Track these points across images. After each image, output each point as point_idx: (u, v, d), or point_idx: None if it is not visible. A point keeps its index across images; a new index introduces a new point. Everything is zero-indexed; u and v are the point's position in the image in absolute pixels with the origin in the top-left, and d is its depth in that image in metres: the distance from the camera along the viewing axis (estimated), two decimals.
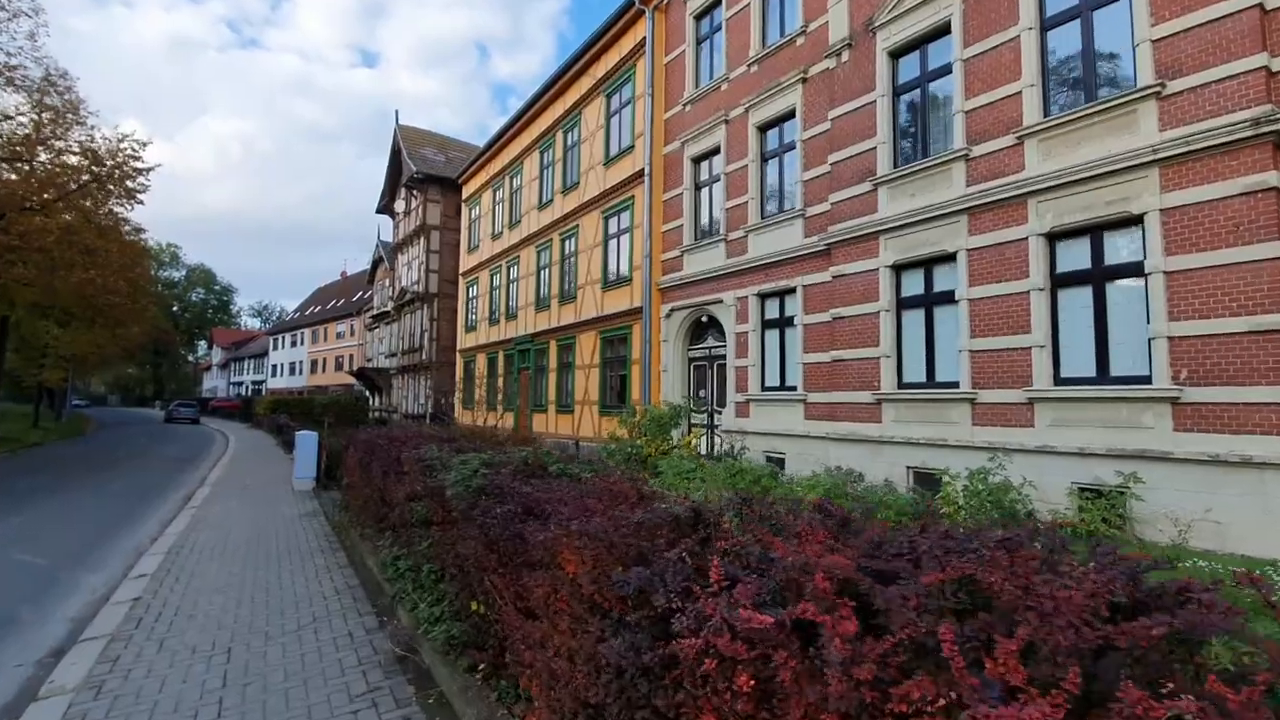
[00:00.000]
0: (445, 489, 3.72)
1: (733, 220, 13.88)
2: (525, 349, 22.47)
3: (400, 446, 5.81)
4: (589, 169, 19.02)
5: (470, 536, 3.15)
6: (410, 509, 4.53)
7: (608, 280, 17.79)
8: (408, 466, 4.95)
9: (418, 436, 6.35)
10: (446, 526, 3.69)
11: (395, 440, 6.23)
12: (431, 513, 4.01)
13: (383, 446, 5.98)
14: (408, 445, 5.72)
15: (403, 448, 5.74)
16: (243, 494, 11.68)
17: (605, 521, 2.28)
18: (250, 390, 70.21)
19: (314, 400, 37.37)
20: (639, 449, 10.05)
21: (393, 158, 34.50)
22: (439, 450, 4.76)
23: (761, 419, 12.77)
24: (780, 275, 12.62)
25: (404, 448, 5.70)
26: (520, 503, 2.95)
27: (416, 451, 4.98)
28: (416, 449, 5.40)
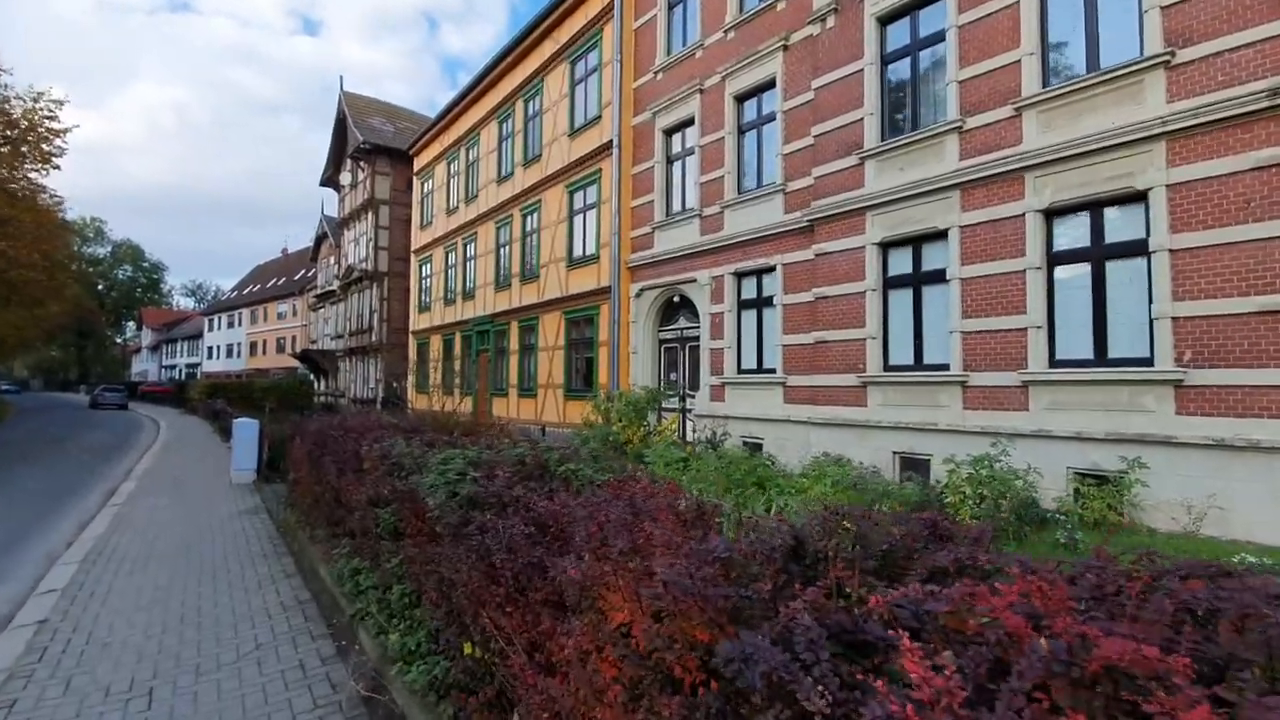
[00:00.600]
0: (422, 495, 3.02)
1: (708, 195, 13.25)
2: (484, 330, 21.47)
3: (358, 438, 5.02)
4: (552, 140, 18.07)
5: (460, 560, 2.47)
6: (374, 515, 3.79)
7: (573, 258, 16.98)
8: (369, 464, 4.20)
9: (377, 426, 5.55)
10: (424, 541, 2.99)
11: (351, 431, 5.42)
12: (403, 522, 3.30)
13: (337, 438, 5.19)
14: (367, 437, 4.94)
15: (361, 440, 4.95)
16: (174, 488, 10.56)
17: (673, 557, 1.63)
18: (184, 374, 66.45)
19: (254, 384, 35.36)
20: (615, 435, 9.41)
21: (337, 126, 32.53)
22: (407, 445, 4.02)
23: (738, 403, 12.29)
24: (759, 253, 12.10)
25: (363, 440, 4.92)
26: (531, 519, 2.29)
27: (379, 446, 4.23)
28: (378, 442, 4.64)
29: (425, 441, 4.30)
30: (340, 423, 6.34)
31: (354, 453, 4.66)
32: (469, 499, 2.66)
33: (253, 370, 52.99)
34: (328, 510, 5.20)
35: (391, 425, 5.70)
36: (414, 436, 5.04)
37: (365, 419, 6.57)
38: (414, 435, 5.19)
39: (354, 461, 4.59)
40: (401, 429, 5.34)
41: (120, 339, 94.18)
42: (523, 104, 19.74)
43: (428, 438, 4.61)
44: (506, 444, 4.01)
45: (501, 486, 2.63)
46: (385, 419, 6.69)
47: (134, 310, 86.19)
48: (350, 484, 4.42)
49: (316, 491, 5.65)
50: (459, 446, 4.06)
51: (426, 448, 4.01)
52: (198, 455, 15.69)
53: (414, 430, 5.34)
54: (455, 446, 4.07)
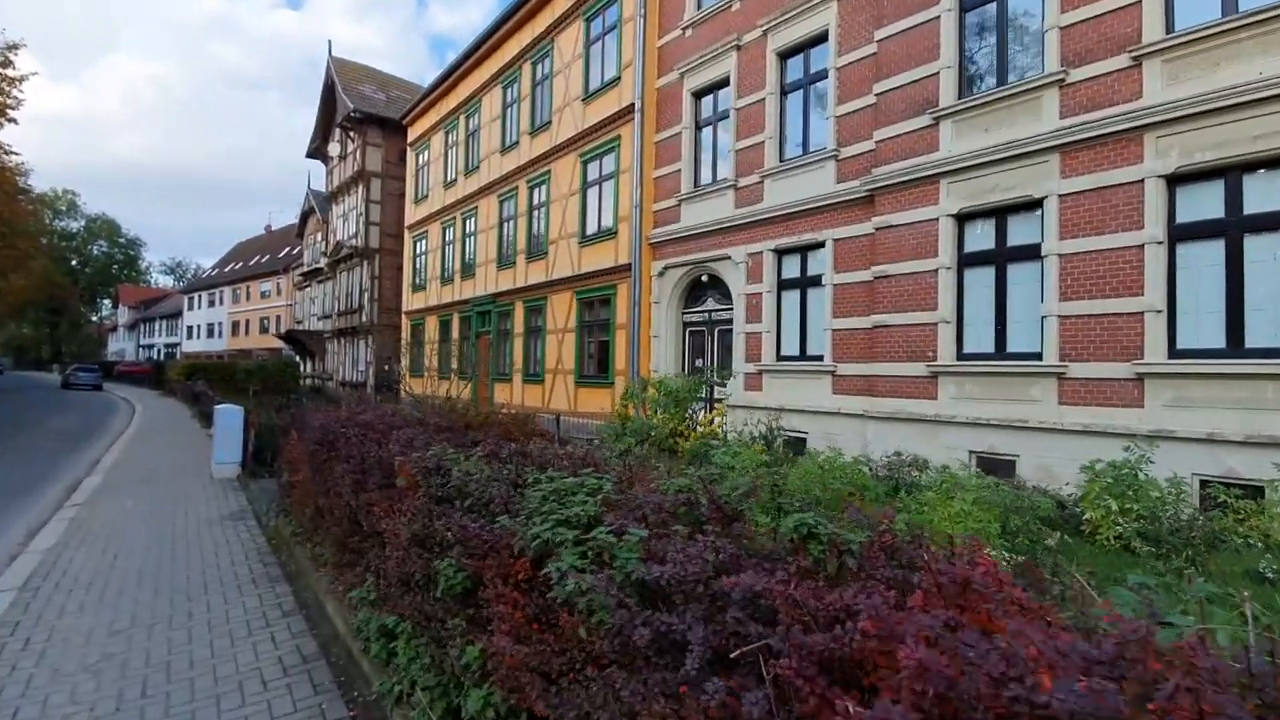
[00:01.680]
0: (527, 552, 1.84)
1: (744, 164, 12.00)
2: (485, 311, 20.13)
3: (381, 440, 3.81)
4: (564, 106, 16.67)
5: (642, 698, 1.29)
6: (422, 561, 2.60)
7: (587, 234, 15.67)
8: (405, 479, 2.99)
9: (404, 423, 4.33)
10: (533, 628, 1.81)
11: (370, 428, 4.19)
12: (485, 586, 2.11)
13: (352, 439, 3.95)
14: (394, 438, 3.73)
15: (386, 442, 3.74)
16: (146, 485, 9.25)
17: None
18: (162, 354, 64.25)
19: (236, 366, 33.78)
20: (654, 430, 8.23)
21: (325, 94, 30.74)
22: (466, 460, 2.81)
23: (776, 393, 11.14)
24: (804, 227, 10.90)
25: (389, 442, 3.70)
26: (815, 656, 1.12)
27: (420, 455, 3.02)
28: (411, 446, 3.43)
29: (488, 453, 3.09)
30: (352, 416, 5.10)
31: (380, 461, 3.44)
32: (643, 587, 1.49)
33: (235, 351, 51.12)
34: (339, 531, 3.99)
35: (422, 423, 4.48)
36: (452, 438, 3.82)
37: (383, 412, 5.33)
38: (450, 435, 3.97)
39: (380, 473, 3.37)
40: (440, 428, 4.12)
41: (96, 317, 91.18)
42: (530, 67, 18.28)
43: (477, 440, 3.40)
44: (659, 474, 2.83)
45: (701, 571, 1.44)
46: (408, 412, 5.48)
47: (110, 288, 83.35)
48: (377, 505, 3.21)
49: (322, 504, 4.43)
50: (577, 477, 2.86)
51: (495, 463, 2.82)
52: (175, 443, 14.31)
53: (450, 429, 4.13)
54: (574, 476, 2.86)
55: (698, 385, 9.09)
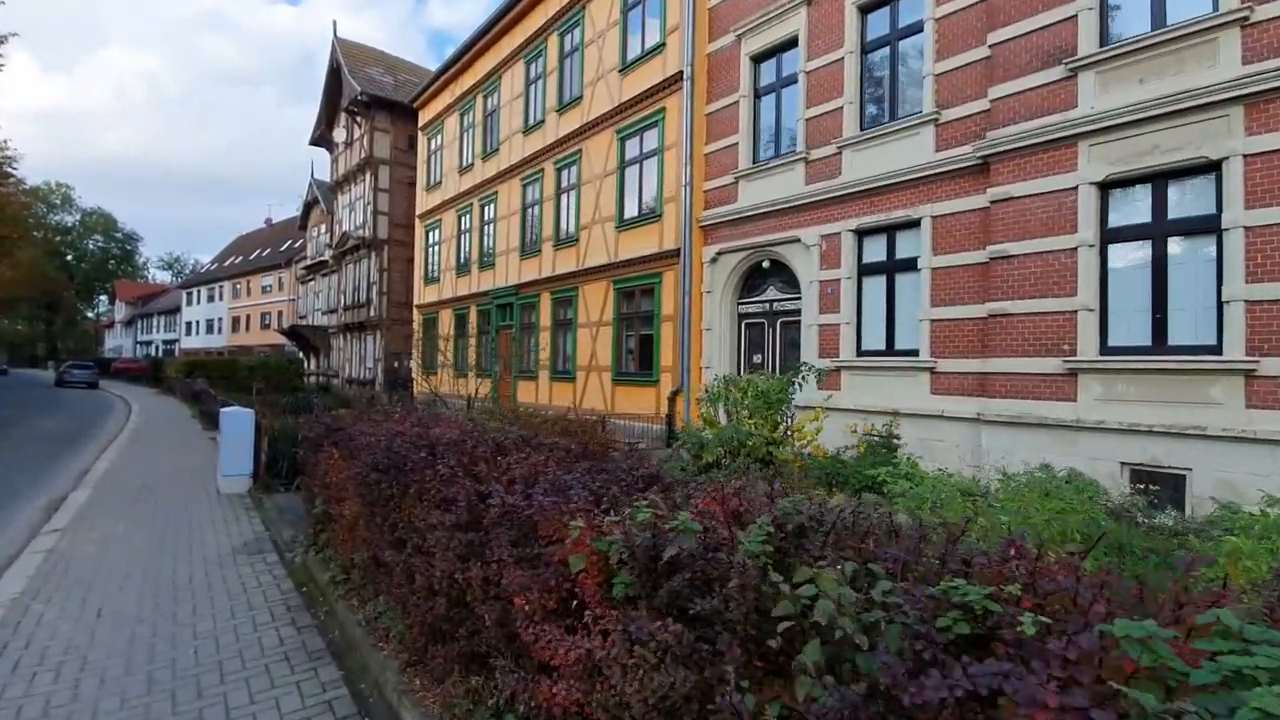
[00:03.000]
0: None
1: (816, 134, 10.64)
2: (506, 303, 18.76)
3: (493, 473, 2.47)
4: (597, 79, 15.27)
5: None
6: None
7: (625, 218, 14.30)
8: (589, 566, 1.64)
9: (507, 441, 3.00)
10: None
11: (464, 452, 2.83)
12: None
13: (441, 471, 2.60)
14: (516, 471, 2.39)
15: (500, 476, 2.39)
16: (140, 503, 7.89)
17: None
18: (160, 350, 62.83)
19: (238, 362, 32.47)
20: (750, 439, 6.88)
21: (330, 77, 29.29)
22: (816, 571, 1.50)
23: (858, 392, 9.80)
24: (894, 203, 9.54)
25: (503, 476, 2.36)
26: None
27: (611, 517, 1.69)
28: (566, 493, 2.09)
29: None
30: (421, 428, 3.75)
31: (509, 513, 2.08)
32: None
33: (235, 347, 49.70)
34: (428, 609, 2.63)
35: (529, 442, 3.13)
36: (590, 469, 2.48)
37: (462, 424, 3.99)
38: (583, 460, 2.62)
39: (515, 533, 2.03)
40: (575, 454, 2.77)
41: (92, 313, 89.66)
42: (558, 39, 16.86)
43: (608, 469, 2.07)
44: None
45: None
46: (486, 421, 4.18)
47: (106, 283, 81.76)
48: (520, 596, 1.87)
49: (390, 557, 3.08)
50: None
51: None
52: (174, 447, 12.94)
53: (586, 453, 2.79)
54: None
55: (787, 384, 7.73)
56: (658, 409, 13.05)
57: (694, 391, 12.42)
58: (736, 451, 6.96)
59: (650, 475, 2.40)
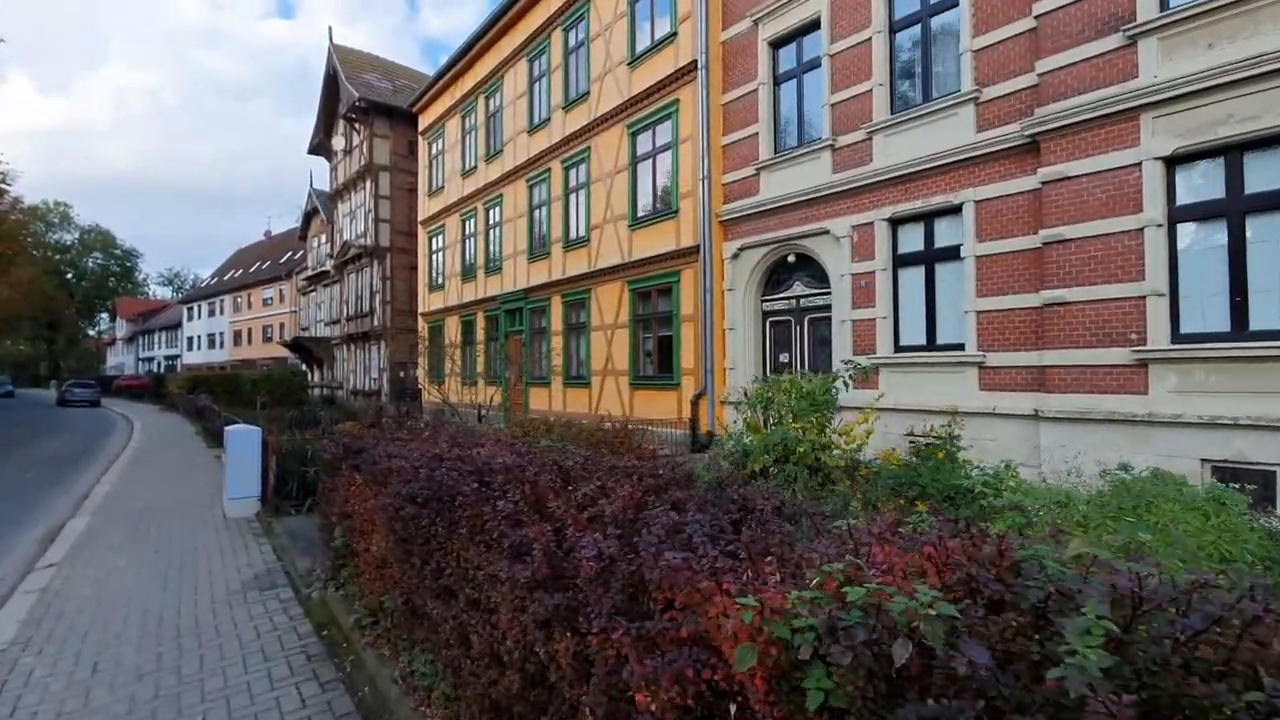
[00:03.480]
0: None
1: (843, 120, 10.11)
2: (515, 308, 18.25)
3: (569, 512, 1.95)
4: (604, 73, 14.77)
5: None
6: None
7: (638, 216, 13.78)
8: (760, 662, 1.15)
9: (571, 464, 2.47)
10: None
11: (524, 480, 2.30)
12: None
13: (502, 510, 2.09)
14: (580, 497, 1.87)
15: (580, 515, 1.87)
16: (142, 531, 7.36)
17: None
18: (162, 366, 62.43)
19: (240, 376, 31.98)
20: (800, 445, 6.34)
21: (327, 84, 28.85)
22: None
23: (898, 390, 9.26)
24: (930, 189, 9.01)
25: (581, 514, 1.83)
26: None
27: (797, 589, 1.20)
28: (676, 539, 1.57)
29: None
30: (461, 448, 3.22)
31: (608, 566, 1.54)
32: None
33: (237, 361, 49.26)
34: (484, 675, 2.10)
35: (594, 465, 2.59)
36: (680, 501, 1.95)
37: (509, 441, 3.44)
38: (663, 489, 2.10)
39: (621, 597, 1.50)
40: (658, 481, 2.23)
41: (94, 331, 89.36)
42: (561, 34, 16.37)
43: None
44: None
45: None
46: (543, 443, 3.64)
47: (107, 301, 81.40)
48: (642, 690, 1.36)
49: (435, 611, 2.53)
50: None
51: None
52: (177, 467, 12.42)
53: (670, 481, 2.26)
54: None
55: (832, 383, 7.18)
56: (679, 413, 12.52)
57: (718, 394, 11.90)
58: (784, 458, 6.41)
59: (778, 507, 1.86)
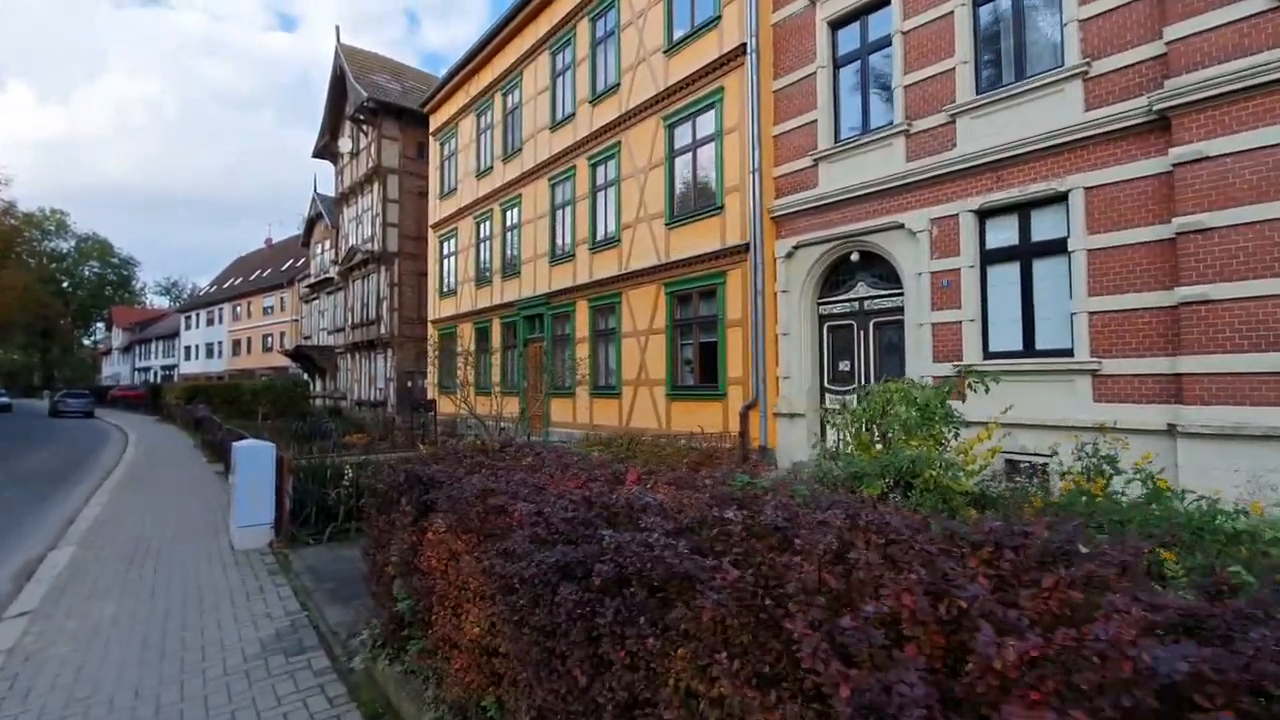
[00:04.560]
0: None
1: (919, 102, 9.16)
2: (535, 314, 17.23)
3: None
4: (637, 63, 13.85)
5: None
6: None
7: (677, 213, 12.79)
8: None
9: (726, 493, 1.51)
10: None
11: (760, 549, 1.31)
12: None
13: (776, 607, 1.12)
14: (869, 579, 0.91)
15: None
16: (134, 564, 6.28)
17: None
18: (159, 377, 61.18)
19: (240, 386, 30.85)
20: (921, 466, 5.29)
21: (334, 85, 27.96)
22: None
23: (988, 402, 8.20)
24: (1027, 176, 8.03)
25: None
26: None
27: None
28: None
29: None
30: (604, 481, 2.22)
31: None
32: None
33: (236, 371, 48.12)
34: None
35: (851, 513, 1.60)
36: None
37: (601, 464, 2.43)
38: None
39: None
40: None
41: (89, 341, 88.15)
42: (588, 24, 15.47)
43: None
44: None
45: None
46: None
47: (103, 310, 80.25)
48: None
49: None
50: None
51: None
52: (176, 486, 11.31)
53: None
54: None
55: (946, 393, 6.16)
56: (725, 426, 11.48)
57: (771, 405, 10.87)
58: (907, 484, 5.37)
59: None
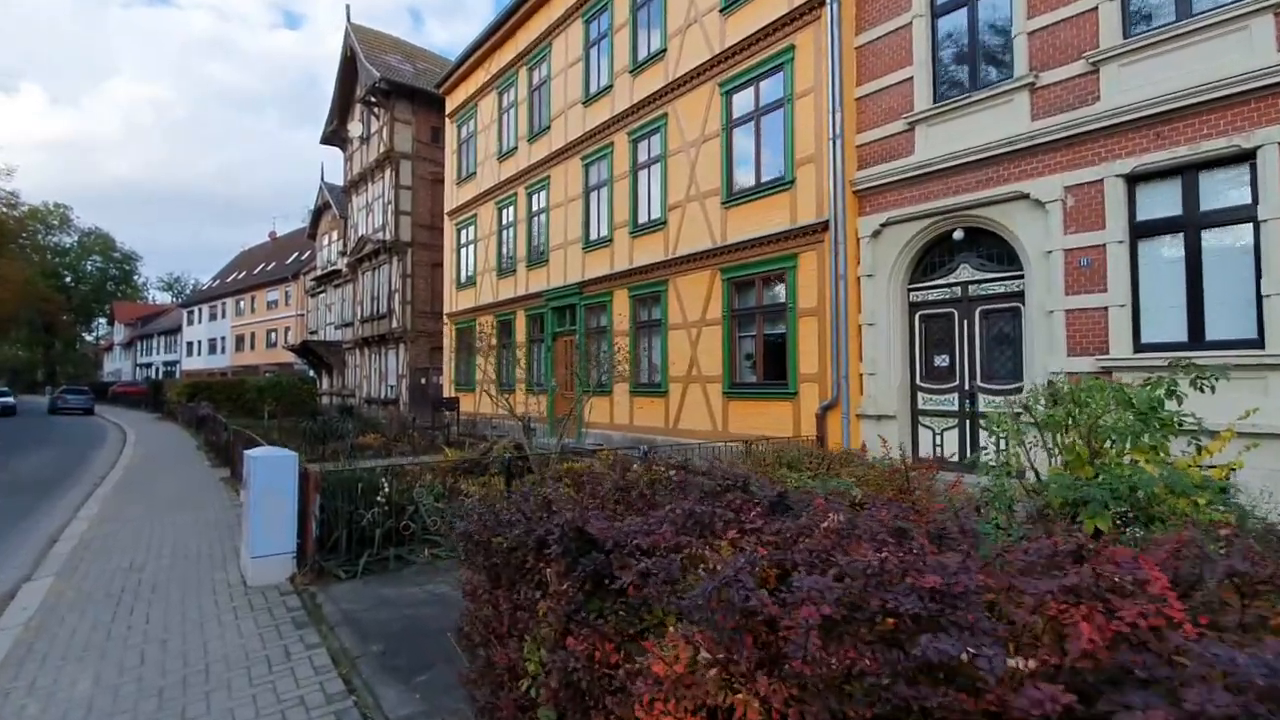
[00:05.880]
0: None
1: (1046, 50, 7.80)
2: (565, 305, 15.90)
3: None
4: (687, 25, 12.48)
5: None
6: None
7: (736, 190, 11.45)
8: None
9: None
10: None
11: None
12: None
13: None
14: None
15: None
16: (122, 609, 4.99)
17: None
18: (161, 373, 60.00)
19: (244, 383, 29.59)
20: (1143, 488, 3.96)
21: (344, 67, 26.61)
22: None
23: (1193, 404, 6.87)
24: (1197, 132, 6.67)
25: None
26: None
27: None
28: None
29: None
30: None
31: None
32: None
33: (239, 367, 46.86)
34: None
35: None
36: None
37: None
38: None
39: None
40: None
41: (91, 336, 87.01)
42: None
43: None
44: None
45: None
46: None
47: (105, 305, 79.05)
48: None
49: None
50: None
51: None
52: (176, 496, 10.00)
53: None
54: None
55: (1166, 392, 4.82)
56: (796, 429, 10.16)
57: (854, 406, 9.53)
58: (1143, 514, 4.04)
59: None
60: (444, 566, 5.79)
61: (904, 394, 9.29)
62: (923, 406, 9.24)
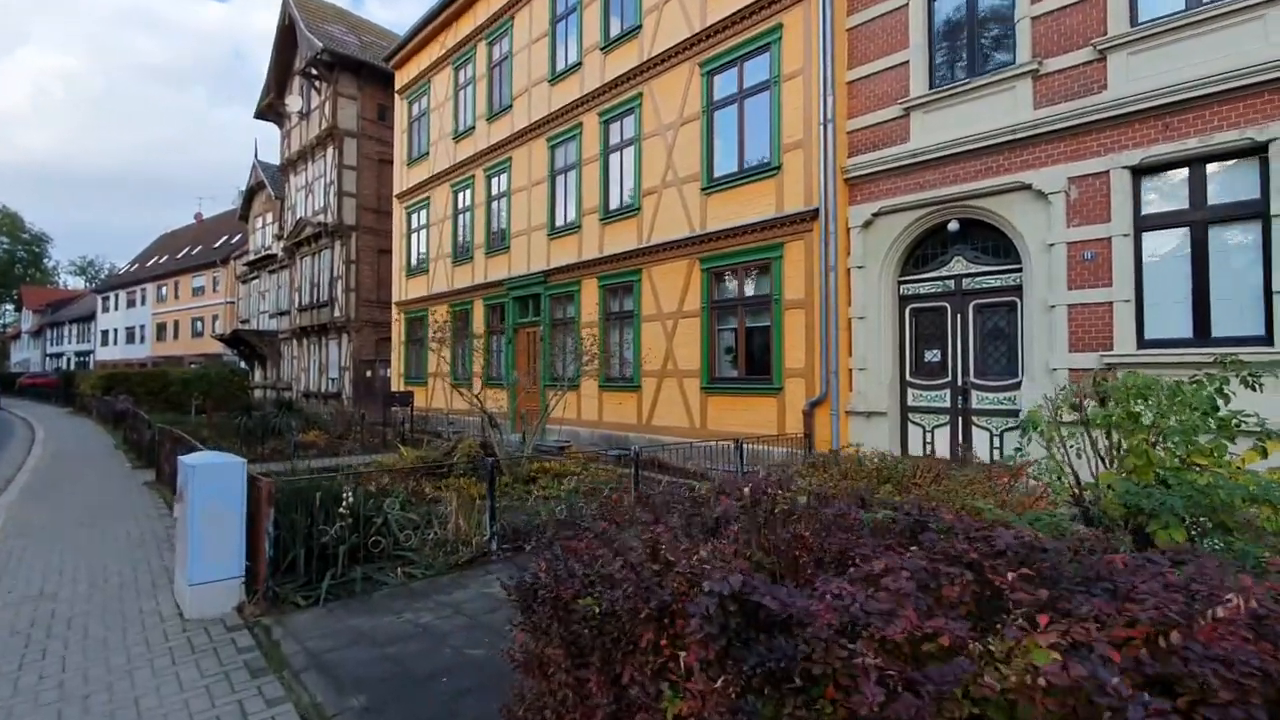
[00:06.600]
0: None
1: (1050, 37, 7.55)
2: (528, 295, 15.08)
3: None
4: (663, 1, 11.86)
5: None
6: None
7: (717, 175, 10.93)
8: None
9: None
10: None
11: None
12: None
13: None
14: None
15: None
16: (30, 657, 4.08)
17: None
18: (73, 363, 55.47)
19: (168, 375, 27.29)
20: (1222, 497, 3.64)
21: (281, 36, 24.76)
22: None
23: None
24: (1208, 124, 6.51)
25: None
26: None
27: None
28: None
29: None
30: None
31: None
32: None
33: (160, 358, 43.66)
34: None
35: None
36: None
37: None
38: None
39: None
40: None
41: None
42: None
43: None
44: None
45: None
46: None
47: (12, 290, 72.58)
48: None
49: None
50: None
51: None
52: (94, 504, 8.79)
53: None
54: None
55: (1218, 389, 4.53)
56: (780, 426, 9.75)
57: (844, 403, 9.18)
58: (1218, 521, 3.71)
59: None
60: (419, 589, 5.06)
61: (894, 390, 8.99)
62: (913, 403, 8.97)
